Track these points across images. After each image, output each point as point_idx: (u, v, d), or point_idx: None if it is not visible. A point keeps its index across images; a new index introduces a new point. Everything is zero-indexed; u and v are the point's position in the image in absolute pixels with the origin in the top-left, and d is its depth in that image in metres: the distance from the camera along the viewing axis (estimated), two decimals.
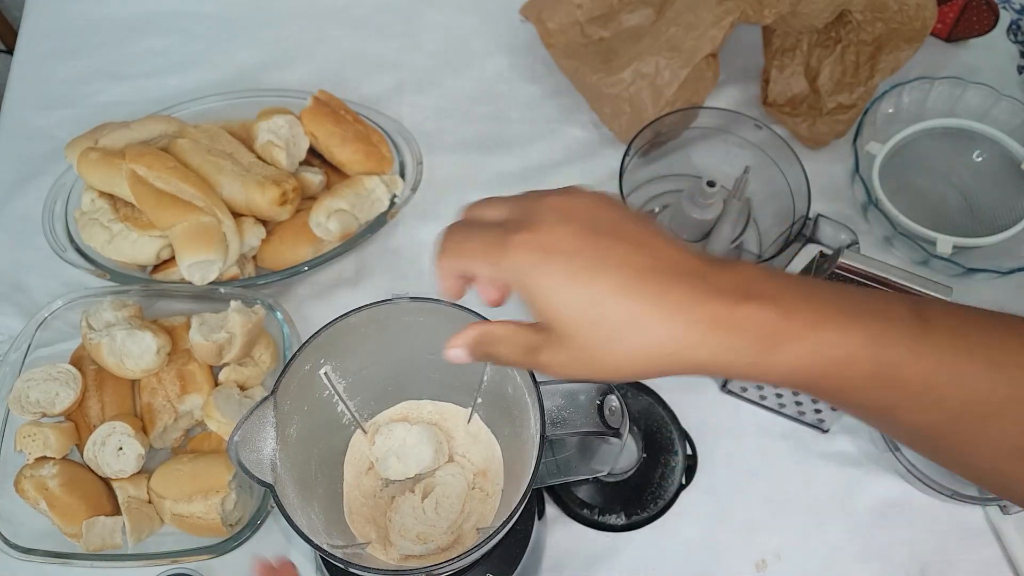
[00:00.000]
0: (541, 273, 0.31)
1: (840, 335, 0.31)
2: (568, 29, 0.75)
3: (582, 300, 0.31)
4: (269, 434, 0.40)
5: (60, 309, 0.62)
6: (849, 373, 0.31)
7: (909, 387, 0.31)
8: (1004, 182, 0.72)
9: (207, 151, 0.65)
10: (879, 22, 0.71)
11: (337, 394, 0.47)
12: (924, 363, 0.31)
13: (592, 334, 0.31)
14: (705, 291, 0.30)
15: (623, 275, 0.31)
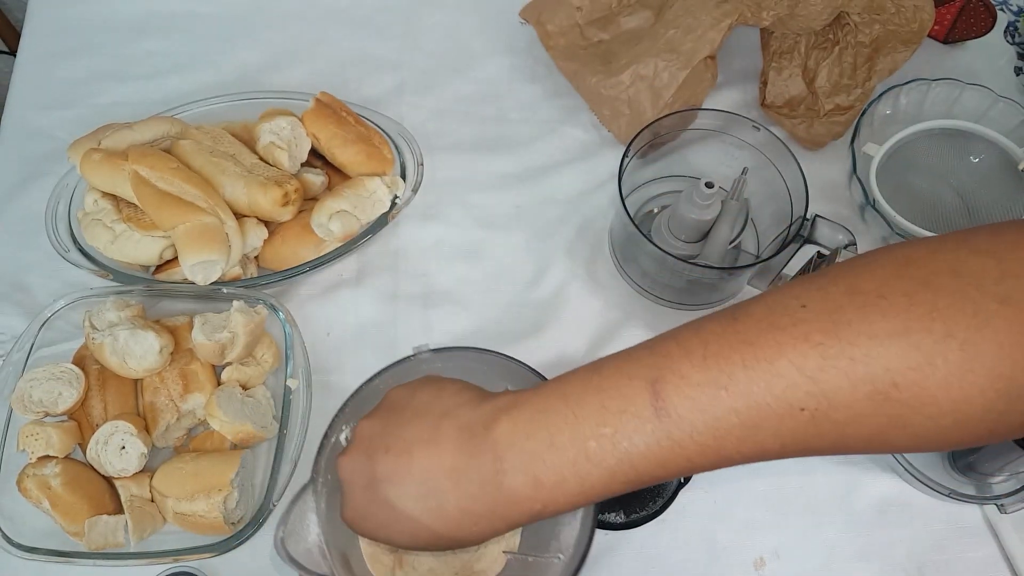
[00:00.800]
0: (368, 532, 0.38)
1: (582, 480, 0.33)
2: (568, 31, 0.75)
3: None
4: (312, 520, 0.40)
5: (63, 309, 0.62)
6: (612, 491, 0.33)
7: (671, 476, 0.33)
8: (1001, 183, 0.72)
9: (210, 152, 0.65)
10: (876, 24, 0.71)
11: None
12: (672, 464, 0.32)
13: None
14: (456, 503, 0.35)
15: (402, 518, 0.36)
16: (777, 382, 0.30)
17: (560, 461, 0.33)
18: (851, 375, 0.29)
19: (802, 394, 0.30)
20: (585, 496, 0.33)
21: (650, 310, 0.68)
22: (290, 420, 0.59)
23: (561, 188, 0.74)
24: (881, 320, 0.29)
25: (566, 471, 0.33)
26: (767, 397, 0.30)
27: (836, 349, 0.29)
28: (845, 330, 0.30)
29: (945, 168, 0.74)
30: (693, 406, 0.31)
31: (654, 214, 0.71)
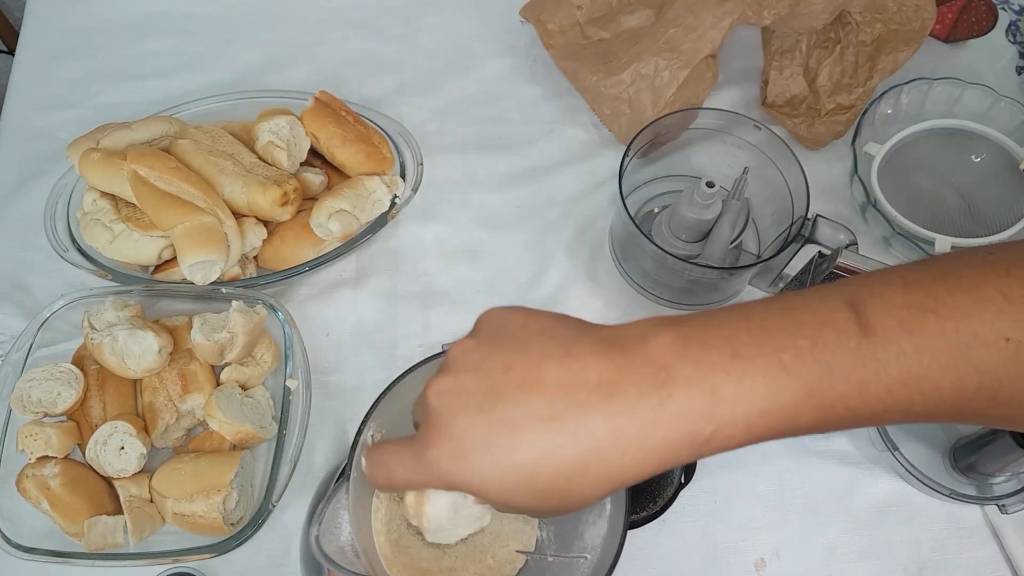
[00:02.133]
0: (466, 475, 0.29)
1: (773, 395, 0.27)
2: (568, 30, 0.75)
3: (520, 475, 0.28)
4: (344, 519, 0.38)
5: (62, 309, 0.62)
6: (796, 425, 0.28)
7: (863, 416, 0.28)
8: (1003, 182, 0.72)
9: (208, 152, 0.65)
10: (878, 23, 0.71)
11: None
12: (872, 390, 0.28)
13: (538, 501, 0.29)
14: (623, 403, 0.27)
15: (534, 429, 0.28)
16: (986, 307, 0.27)
17: (746, 370, 0.27)
18: None
19: (1009, 322, 0.27)
20: (768, 422, 0.27)
21: (651, 310, 0.68)
22: (289, 420, 0.59)
23: (561, 188, 0.74)
24: None
25: (755, 382, 0.27)
26: (975, 322, 0.27)
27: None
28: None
29: (946, 168, 0.74)
30: (900, 326, 0.28)
31: (655, 214, 0.71)
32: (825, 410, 0.28)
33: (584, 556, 0.41)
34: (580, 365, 0.28)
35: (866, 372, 0.28)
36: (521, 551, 0.46)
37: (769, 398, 0.27)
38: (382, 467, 0.32)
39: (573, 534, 0.44)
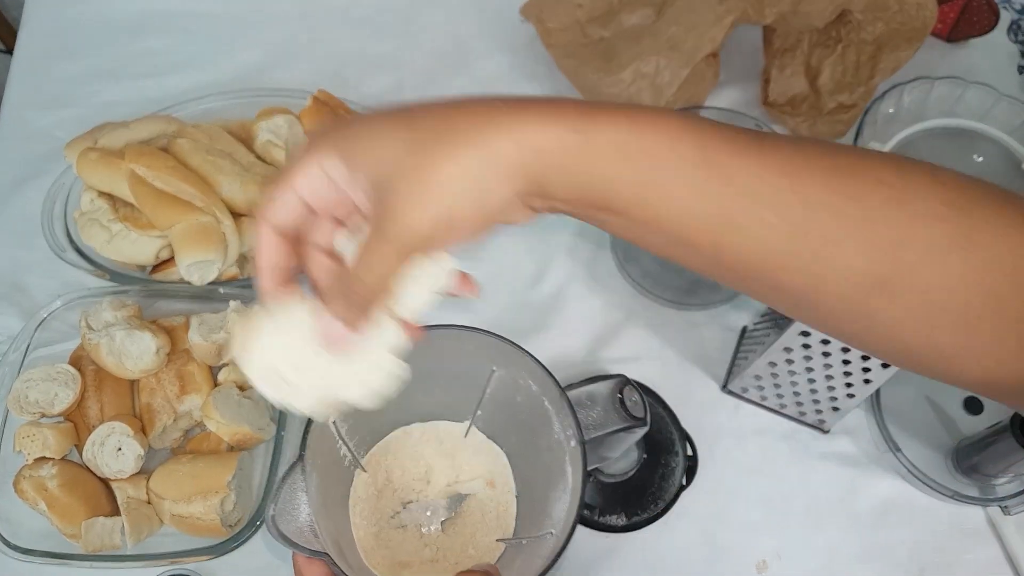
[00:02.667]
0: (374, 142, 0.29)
1: (657, 116, 0.29)
2: (568, 29, 0.75)
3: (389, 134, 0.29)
4: (302, 499, 0.39)
5: (59, 309, 0.62)
6: (670, 154, 0.29)
7: (745, 188, 0.29)
8: (1004, 182, 0.71)
9: (206, 151, 0.64)
10: (880, 22, 0.71)
11: (341, 439, 0.47)
12: (756, 165, 0.29)
13: (407, 161, 0.29)
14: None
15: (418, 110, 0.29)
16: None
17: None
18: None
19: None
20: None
21: (651, 309, 0.68)
22: (287, 421, 0.59)
23: None
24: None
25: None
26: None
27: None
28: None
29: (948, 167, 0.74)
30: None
31: None
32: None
33: (551, 532, 0.42)
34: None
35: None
36: (501, 539, 0.47)
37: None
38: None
39: (543, 513, 0.44)
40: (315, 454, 0.42)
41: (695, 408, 0.62)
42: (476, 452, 0.51)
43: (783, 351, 0.55)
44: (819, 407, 0.60)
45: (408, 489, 0.51)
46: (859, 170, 0.29)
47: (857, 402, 0.57)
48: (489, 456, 0.51)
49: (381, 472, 0.51)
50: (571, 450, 0.41)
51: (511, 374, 0.46)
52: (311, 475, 0.41)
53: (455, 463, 0.51)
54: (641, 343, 0.66)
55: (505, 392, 0.47)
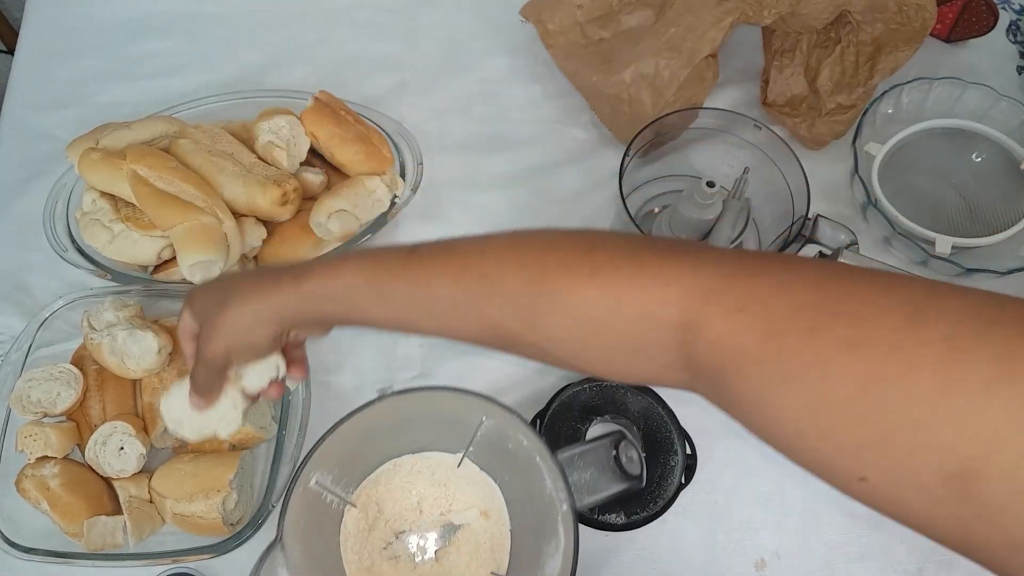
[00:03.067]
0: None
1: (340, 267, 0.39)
2: (568, 30, 0.75)
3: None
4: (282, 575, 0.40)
5: (61, 309, 0.62)
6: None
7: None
8: (1003, 182, 0.72)
9: (208, 151, 0.65)
10: (878, 23, 0.71)
11: (327, 491, 0.47)
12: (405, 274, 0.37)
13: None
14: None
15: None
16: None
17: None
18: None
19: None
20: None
21: None
22: (289, 421, 0.59)
23: (561, 188, 0.74)
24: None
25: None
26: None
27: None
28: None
29: (947, 167, 0.74)
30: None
31: (655, 214, 0.71)
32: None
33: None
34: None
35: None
36: (495, 573, 0.46)
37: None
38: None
39: (536, 562, 0.44)
40: (297, 521, 0.43)
41: (694, 407, 0.63)
42: (469, 482, 0.50)
43: None
44: None
45: (400, 519, 0.51)
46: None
47: None
48: (483, 488, 0.50)
49: (372, 505, 0.51)
50: (563, 514, 0.41)
51: (500, 425, 0.46)
52: (293, 547, 0.42)
53: (448, 492, 0.51)
54: None
55: (497, 438, 0.47)
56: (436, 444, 0.51)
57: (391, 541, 0.49)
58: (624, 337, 0.32)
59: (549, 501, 0.42)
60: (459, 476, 0.50)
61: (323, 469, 0.45)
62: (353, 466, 0.49)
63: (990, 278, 0.67)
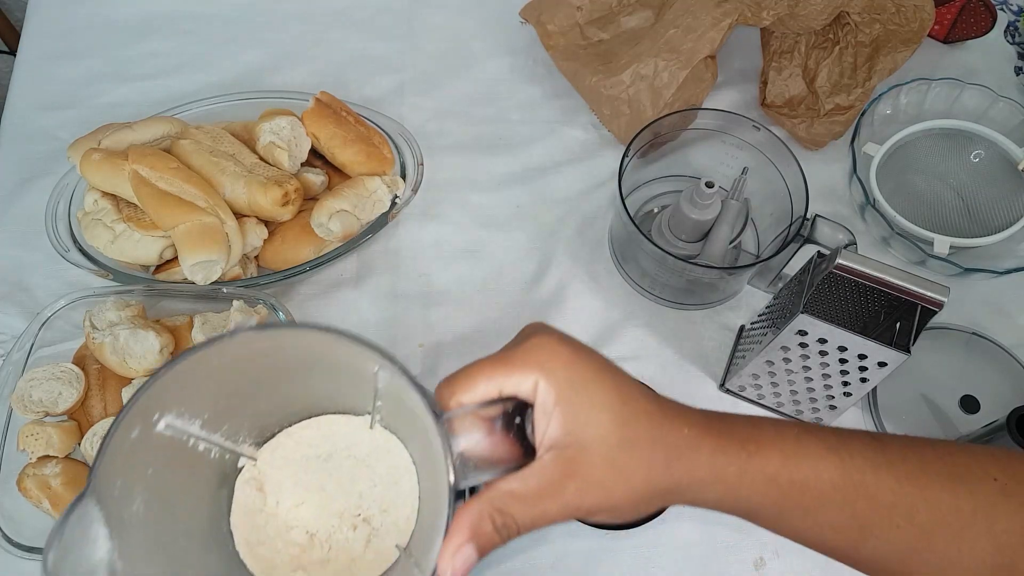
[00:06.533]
0: (575, 370, 0.32)
1: (804, 447, 0.34)
2: (568, 31, 0.75)
3: (617, 414, 0.32)
4: (99, 533, 0.32)
5: (63, 309, 0.62)
6: (817, 482, 0.33)
7: (878, 498, 0.33)
8: (1001, 183, 0.72)
9: (209, 152, 0.65)
10: (877, 23, 0.71)
11: (192, 435, 0.39)
12: (887, 477, 0.33)
13: (619, 458, 0.32)
14: (700, 432, 0.34)
15: (638, 405, 0.33)
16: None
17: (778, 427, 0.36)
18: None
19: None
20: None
21: (650, 310, 0.68)
22: None
23: (561, 188, 0.74)
24: None
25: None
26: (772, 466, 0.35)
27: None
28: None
29: (945, 168, 0.74)
30: (906, 446, 0.36)
31: (654, 214, 0.71)
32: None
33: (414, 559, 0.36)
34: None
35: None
36: (399, 545, 0.42)
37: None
38: (509, 515, 0.33)
39: (433, 539, 0.35)
40: (135, 470, 0.35)
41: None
42: (379, 459, 0.43)
43: (780, 350, 0.56)
44: (816, 405, 0.61)
45: (306, 507, 0.42)
46: (973, 470, 0.34)
47: (854, 401, 0.57)
48: (392, 462, 0.43)
49: (271, 478, 0.43)
50: (450, 487, 0.33)
51: (393, 377, 0.38)
52: (130, 494, 0.34)
53: (358, 489, 0.43)
54: (639, 342, 0.67)
55: (395, 392, 0.39)
56: (343, 400, 0.44)
57: (293, 527, 0.42)
58: None
59: (443, 468, 0.34)
60: (372, 443, 0.43)
61: (178, 411, 0.37)
62: (236, 413, 0.41)
63: (988, 278, 0.67)
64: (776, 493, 0.34)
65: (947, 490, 0.34)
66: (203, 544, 0.39)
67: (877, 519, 0.34)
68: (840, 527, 0.34)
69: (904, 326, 0.51)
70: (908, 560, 0.34)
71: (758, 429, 0.34)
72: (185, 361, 0.35)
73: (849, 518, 0.34)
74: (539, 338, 0.34)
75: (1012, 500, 0.33)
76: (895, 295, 0.50)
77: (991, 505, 0.33)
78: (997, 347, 0.65)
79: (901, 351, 0.50)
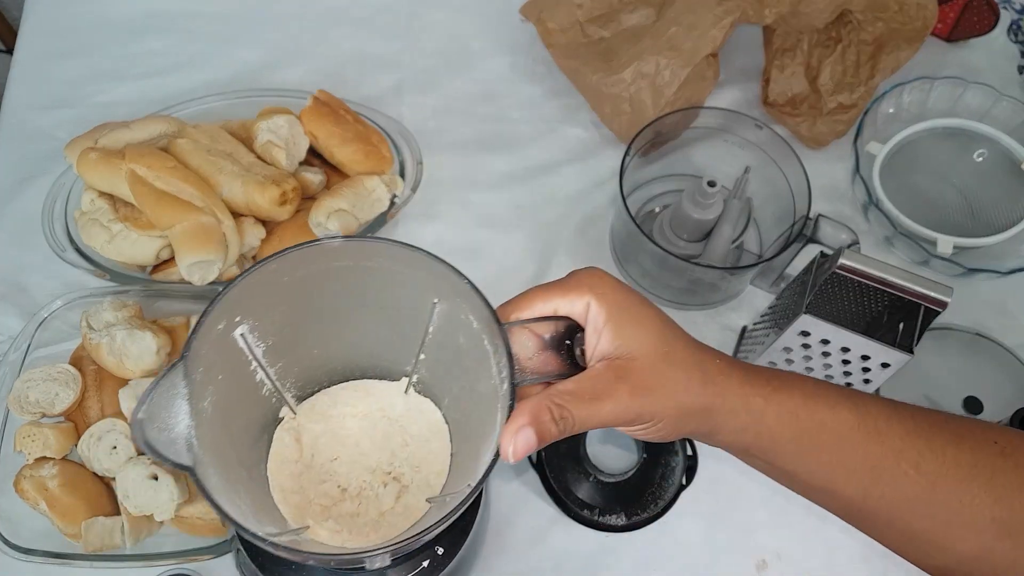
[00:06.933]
0: (621, 294, 0.36)
1: (823, 390, 0.37)
2: (568, 29, 0.75)
3: (660, 332, 0.36)
4: (181, 408, 0.34)
5: (60, 309, 0.62)
6: (834, 422, 0.36)
7: (888, 443, 0.36)
8: (1004, 182, 0.72)
9: (207, 151, 0.65)
10: (880, 22, 0.71)
11: (255, 359, 0.41)
12: (897, 426, 0.36)
13: (664, 368, 0.35)
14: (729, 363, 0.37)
15: (677, 331, 0.37)
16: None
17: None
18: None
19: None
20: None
21: None
22: None
23: (561, 187, 0.73)
24: None
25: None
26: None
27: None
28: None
29: (948, 167, 0.74)
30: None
31: (655, 213, 0.71)
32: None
33: (468, 484, 0.37)
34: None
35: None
36: (430, 499, 0.43)
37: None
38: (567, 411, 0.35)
39: (472, 471, 0.39)
40: (212, 366, 0.36)
41: None
42: (419, 413, 0.45)
43: (783, 351, 0.55)
44: None
45: (338, 461, 0.44)
46: (975, 433, 0.37)
47: None
48: (427, 417, 0.45)
49: (308, 437, 0.45)
50: (503, 395, 0.36)
51: (453, 309, 0.41)
52: (205, 387, 0.36)
53: (390, 447, 0.45)
54: None
55: (450, 332, 0.41)
56: (385, 356, 0.45)
57: (325, 480, 0.43)
58: None
59: (493, 392, 0.37)
60: (405, 406, 0.45)
61: (252, 324, 0.39)
62: (289, 352, 0.42)
63: (991, 278, 0.67)
64: (796, 427, 0.36)
65: (951, 444, 0.36)
66: (249, 476, 0.41)
67: (887, 464, 0.36)
68: (853, 469, 0.36)
69: (907, 327, 0.50)
70: (914, 509, 0.36)
71: (780, 374, 0.37)
72: (272, 262, 0.37)
73: (862, 459, 0.36)
74: (590, 269, 0.38)
75: (1009, 459, 0.36)
76: (898, 295, 0.50)
77: (991, 461, 0.35)
78: (1001, 348, 0.65)
79: (904, 352, 0.50)
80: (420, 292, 0.42)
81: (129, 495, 0.54)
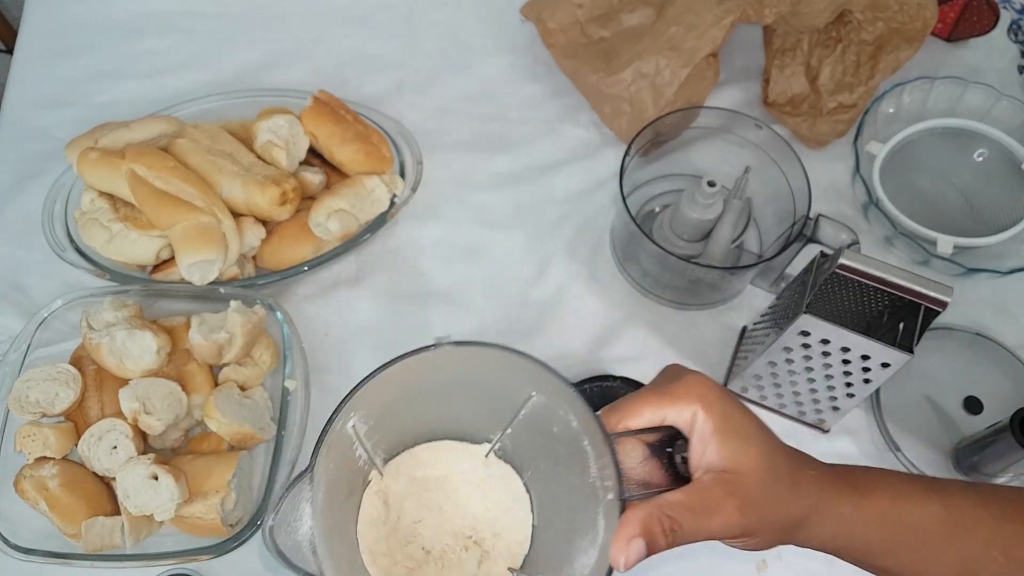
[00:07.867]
0: (728, 405, 0.36)
1: (909, 488, 0.38)
2: (568, 29, 0.75)
3: (765, 447, 0.36)
4: (305, 511, 0.36)
5: (60, 309, 0.62)
6: (922, 518, 0.37)
7: (977, 534, 0.37)
8: (1005, 182, 0.72)
9: (207, 151, 0.65)
10: (880, 22, 0.71)
11: (359, 441, 0.44)
12: (984, 514, 0.37)
13: (769, 484, 0.35)
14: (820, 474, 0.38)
15: (777, 444, 0.37)
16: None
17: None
18: None
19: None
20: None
21: (651, 310, 0.68)
22: (288, 421, 0.59)
23: (561, 187, 0.73)
24: None
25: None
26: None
27: None
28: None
29: (948, 167, 0.74)
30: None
31: (656, 213, 0.71)
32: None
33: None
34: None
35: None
36: (512, 569, 0.45)
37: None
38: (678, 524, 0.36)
39: (564, 558, 0.41)
40: (326, 461, 0.39)
41: None
42: (493, 486, 0.47)
43: (783, 351, 0.55)
44: (819, 407, 0.60)
45: (423, 525, 0.47)
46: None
47: (857, 402, 0.57)
48: (506, 489, 0.47)
49: (396, 493, 0.47)
50: (606, 503, 0.37)
51: (551, 403, 0.42)
52: (319, 486, 0.38)
53: (472, 511, 0.47)
54: (641, 343, 0.66)
55: (542, 419, 0.43)
56: (470, 424, 0.47)
57: (410, 542, 0.46)
58: None
59: (590, 489, 0.39)
60: (488, 476, 0.47)
61: (361, 414, 0.41)
62: (386, 425, 0.45)
63: (991, 278, 0.67)
64: (886, 530, 0.37)
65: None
66: (344, 544, 0.43)
67: (977, 554, 0.37)
68: (945, 562, 0.37)
69: (907, 326, 0.50)
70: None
71: (868, 474, 0.38)
72: (393, 368, 0.39)
73: (953, 553, 0.37)
74: (694, 376, 0.38)
75: None
76: (898, 295, 0.50)
77: None
78: (1001, 348, 0.65)
79: (904, 352, 0.50)
80: (520, 384, 0.43)
81: (129, 495, 0.54)
